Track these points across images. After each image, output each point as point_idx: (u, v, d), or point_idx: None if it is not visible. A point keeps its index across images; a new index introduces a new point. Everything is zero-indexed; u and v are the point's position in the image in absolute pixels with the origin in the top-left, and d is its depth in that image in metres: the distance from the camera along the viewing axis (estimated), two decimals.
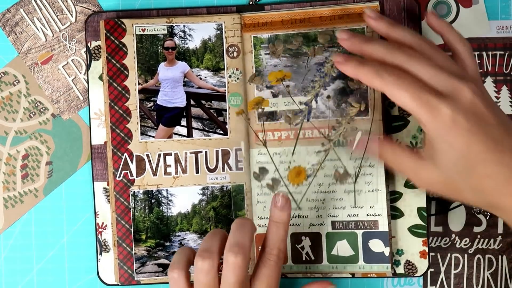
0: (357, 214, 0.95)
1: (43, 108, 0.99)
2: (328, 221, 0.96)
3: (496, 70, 0.98)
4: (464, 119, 0.76)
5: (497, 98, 0.98)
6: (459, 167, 0.78)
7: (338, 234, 0.96)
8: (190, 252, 0.84)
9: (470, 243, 0.98)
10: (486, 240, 0.98)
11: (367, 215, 0.95)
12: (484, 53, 0.98)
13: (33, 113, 0.99)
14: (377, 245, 0.95)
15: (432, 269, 0.99)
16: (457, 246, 0.98)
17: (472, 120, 0.77)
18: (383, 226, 0.95)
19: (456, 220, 0.98)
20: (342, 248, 0.96)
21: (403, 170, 0.85)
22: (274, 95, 0.96)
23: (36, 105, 0.99)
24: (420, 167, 0.82)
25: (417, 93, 0.77)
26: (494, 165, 0.77)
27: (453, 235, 0.98)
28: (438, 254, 0.98)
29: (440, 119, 0.76)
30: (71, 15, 0.99)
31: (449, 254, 0.98)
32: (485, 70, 0.98)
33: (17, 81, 0.99)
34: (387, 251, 0.95)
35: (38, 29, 0.99)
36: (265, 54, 0.96)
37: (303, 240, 0.96)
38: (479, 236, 0.98)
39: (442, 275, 0.98)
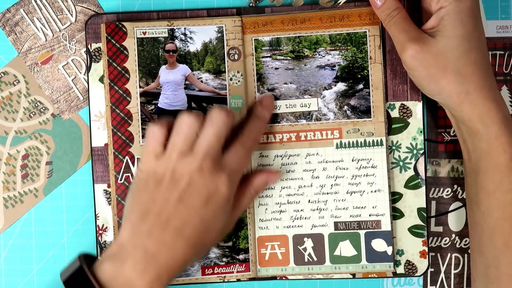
0: (360, 215, 0.96)
1: (43, 108, 0.98)
2: (331, 222, 0.96)
3: (496, 70, 0.98)
4: (478, 10, 0.87)
5: None
6: (459, 48, 0.85)
7: (341, 234, 0.96)
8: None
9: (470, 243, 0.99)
10: None
11: (369, 215, 0.96)
12: None
13: (33, 113, 0.98)
14: (380, 245, 0.96)
15: (432, 269, 0.99)
16: (457, 246, 0.99)
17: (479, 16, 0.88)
18: (386, 226, 0.95)
19: (456, 220, 0.99)
20: (345, 248, 0.96)
21: (400, 36, 0.88)
22: (276, 98, 0.96)
23: (36, 105, 0.98)
24: (419, 39, 0.86)
25: None
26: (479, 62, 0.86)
27: (453, 235, 0.99)
28: (438, 254, 0.99)
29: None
30: (71, 15, 0.98)
31: (449, 254, 0.99)
32: None
33: (17, 81, 0.98)
34: (389, 250, 0.95)
35: (38, 29, 0.98)
36: (267, 56, 0.96)
37: (305, 241, 0.96)
38: None
39: (442, 275, 0.99)
